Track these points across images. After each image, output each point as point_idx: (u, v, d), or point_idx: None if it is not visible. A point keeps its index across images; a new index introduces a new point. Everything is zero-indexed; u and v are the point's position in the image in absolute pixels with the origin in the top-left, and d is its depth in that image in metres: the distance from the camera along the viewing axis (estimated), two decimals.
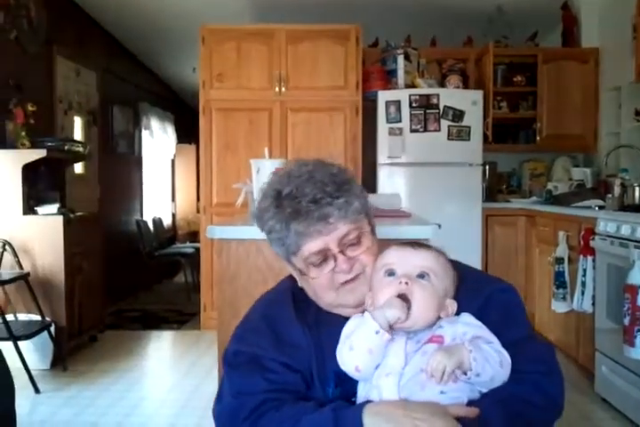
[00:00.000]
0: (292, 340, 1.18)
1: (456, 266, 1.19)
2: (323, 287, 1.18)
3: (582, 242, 3.34)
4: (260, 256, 1.99)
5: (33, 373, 3.45)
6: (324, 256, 1.16)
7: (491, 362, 1.04)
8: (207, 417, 2.92)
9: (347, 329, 1.13)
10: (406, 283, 1.10)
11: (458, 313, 1.13)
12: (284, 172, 1.22)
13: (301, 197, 1.14)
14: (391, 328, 1.07)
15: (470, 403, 1.04)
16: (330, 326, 1.18)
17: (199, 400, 3.27)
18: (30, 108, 4.04)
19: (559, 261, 3.63)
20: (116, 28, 5.89)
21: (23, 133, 3.96)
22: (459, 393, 1.04)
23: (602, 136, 4.91)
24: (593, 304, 3.27)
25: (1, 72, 4.10)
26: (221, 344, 2.02)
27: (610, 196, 3.82)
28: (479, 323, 1.11)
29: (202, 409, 3.12)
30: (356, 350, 1.07)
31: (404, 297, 1.08)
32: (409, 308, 1.07)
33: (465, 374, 1.02)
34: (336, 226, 1.15)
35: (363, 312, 1.13)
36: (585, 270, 3.31)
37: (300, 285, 1.25)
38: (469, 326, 1.10)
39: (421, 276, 1.11)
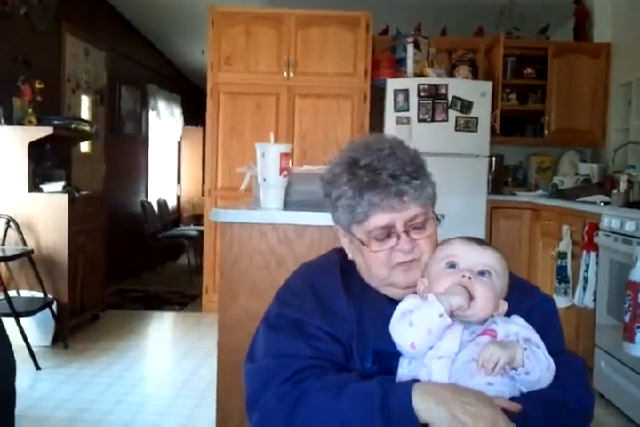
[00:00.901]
0: (337, 311, 1.17)
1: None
2: (378, 263, 1.17)
3: (586, 237, 3.34)
4: (263, 240, 2.00)
5: (34, 349, 3.49)
6: (388, 233, 1.16)
7: (540, 364, 1.06)
8: (205, 398, 2.99)
9: (403, 306, 1.13)
10: (469, 277, 1.10)
11: (507, 315, 1.14)
12: (362, 142, 1.22)
13: (382, 170, 1.14)
14: (451, 315, 1.08)
15: (511, 400, 1.06)
16: (373, 303, 1.19)
17: (198, 382, 3.30)
18: (38, 86, 4.04)
19: (562, 255, 3.63)
20: (125, 7, 5.87)
21: (30, 111, 3.96)
22: (504, 387, 1.06)
23: (610, 132, 4.88)
24: (594, 300, 3.28)
25: (10, 48, 4.10)
26: (222, 327, 2.03)
27: (615, 192, 3.81)
28: (529, 326, 1.12)
29: (200, 390, 3.15)
30: (415, 328, 1.07)
31: (465, 288, 1.10)
32: (471, 299, 1.08)
33: (515, 369, 1.04)
34: (408, 205, 1.15)
35: (414, 294, 1.15)
36: (587, 266, 3.31)
37: (350, 257, 1.25)
38: (521, 327, 1.11)
39: (482, 273, 1.12)
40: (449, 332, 1.09)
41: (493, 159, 5.01)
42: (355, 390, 1.04)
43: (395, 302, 1.17)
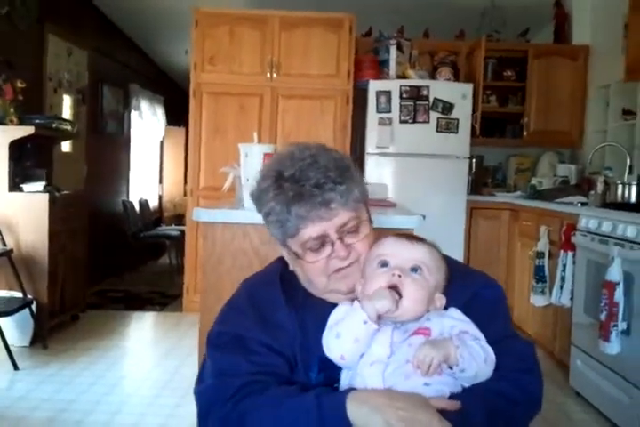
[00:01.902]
0: (278, 322, 1.18)
1: (445, 260, 1.20)
2: (316, 272, 1.18)
3: (563, 237, 3.39)
4: (247, 240, 2.00)
5: (12, 349, 3.47)
6: (322, 242, 1.16)
7: (476, 359, 1.05)
8: (186, 397, 2.99)
9: (334, 317, 1.13)
10: (399, 275, 1.10)
11: (446, 308, 1.14)
12: (286, 153, 1.20)
13: (305, 181, 1.13)
14: (379, 318, 1.08)
15: (452, 397, 1.06)
16: (316, 311, 1.18)
17: (179, 381, 3.30)
18: (20, 85, 4.01)
19: (540, 255, 3.68)
20: (109, 8, 5.84)
21: (12, 110, 3.92)
22: (442, 386, 1.06)
23: (588, 133, 4.96)
24: (571, 299, 3.33)
25: None
26: (203, 327, 2.04)
27: (593, 193, 3.88)
28: (466, 318, 1.12)
29: (181, 390, 3.15)
30: (342, 339, 1.08)
31: (395, 289, 1.09)
32: (399, 299, 1.08)
33: (451, 368, 1.04)
34: (337, 212, 1.14)
35: (353, 300, 1.14)
36: (565, 265, 3.36)
37: (291, 268, 1.25)
38: (457, 320, 1.11)
39: (414, 269, 1.12)
40: (378, 336, 1.09)
41: (473, 160, 5.06)
42: (293, 404, 1.05)
43: None
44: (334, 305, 1.18)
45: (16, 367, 3.39)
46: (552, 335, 3.62)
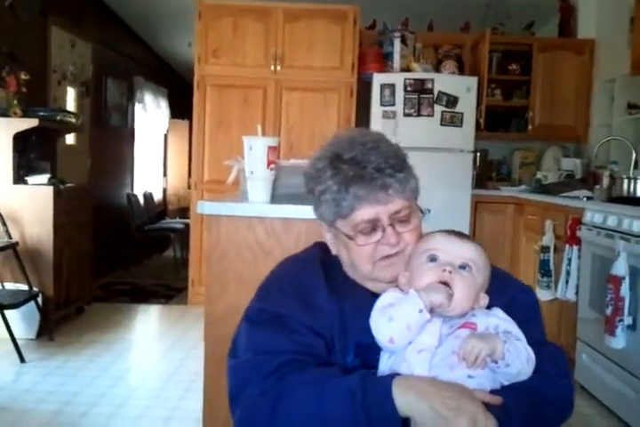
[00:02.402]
0: (318, 304, 1.18)
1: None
2: (364, 257, 1.18)
3: (569, 232, 3.38)
4: (251, 233, 2.00)
5: (19, 342, 3.48)
6: (373, 226, 1.16)
7: (520, 356, 1.06)
8: (191, 390, 3.00)
9: (383, 300, 1.13)
10: (450, 272, 1.11)
11: (488, 307, 1.15)
12: (346, 137, 1.21)
13: (366, 163, 1.14)
14: (432, 311, 1.09)
15: (492, 392, 1.06)
16: (355, 297, 1.19)
17: (184, 374, 3.31)
18: (23, 77, 4.01)
19: (545, 249, 3.67)
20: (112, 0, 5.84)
21: (15, 102, 3.93)
22: (484, 380, 1.06)
23: (593, 127, 4.94)
24: (576, 293, 3.32)
25: None
26: (208, 320, 2.04)
27: (598, 187, 3.86)
28: (510, 318, 1.13)
29: (186, 382, 3.16)
30: (394, 323, 1.08)
31: (446, 284, 1.10)
32: (451, 295, 1.09)
33: (495, 362, 1.05)
34: (393, 198, 1.15)
35: (396, 289, 1.15)
36: (570, 260, 3.35)
37: (334, 253, 1.25)
38: (501, 319, 1.12)
39: (463, 267, 1.13)
40: (428, 326, 1.09)
41: (478, 154, 5.04)
42: (336, 384, 1.04)
43: (377, 296, 1.17)
44: (372, 293, 1.19)
45: (22, 360, 3.40)
46: (557, 330, 3.61)
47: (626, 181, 3.60)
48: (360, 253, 1.18)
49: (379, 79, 4.61)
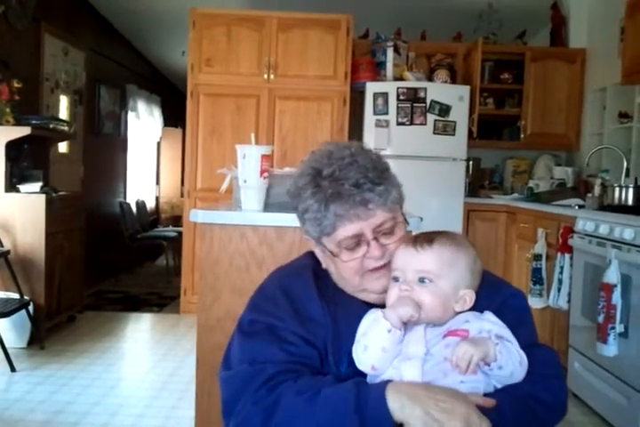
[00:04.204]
0: (311, 314, 1.18)
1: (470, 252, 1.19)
2: (350, 271, 1.18)
3: (561, 240, 3.40)
4: (244, 242, 2.01)
5: (9, 351, 3.46)
6: (358, 241, 1.16)
7: (512, 358, 1.07)
8: (184, 399, 2.99)
9: (362, 327, 1.13)
10: (407, 289, 1.12)
11: (480, 311, 1.15)
12: (324, 151, 1.21)
13: (344, 180, 1.14)
14: (406, 324, 1.09)
15: (486, 395, 1.07)
16: (347, 307, 1.19)
17: (176, 383, 3.29)
18: (16, 85, 4.00)
19: (537, 257, 3.68)
20: (106, 8, 5.84)
21: (8, 110, 3.92)
22: (477, 384, 1.07)
23: (585, 136, 4.96)
24: (568, 301, 3.33)
25: None
26: (201, 328, 2.04)
27: (590, 195, 3.88)
28: (501, 323, 1.13)
29: (179, 392, 3.15)
30: (370, 350, 1.09)
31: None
32: (419, 305, 1.10)
33: (488, 365, 1.05)
34: (375, 212, 1.15)
35: (384, 305, 1.15)
36: (562, 268, 3.36)
37: (324, 266, 1.25)
38: (494, 324, 1.12)
39: (422, 279, 1.13)
40: (411, 335, 1.10)
41: (470, 163, 5.06)
42: (330, 392, 1.04)
43: (369, 305, 1.18)
44: (365, 303, 1.19)
45: (13, 369, 3.38)
46: (550, 338, 3.62)
47: (617, 190, 3.61)
48: (346, 269, 1.19)
49: (372, 88, 4.63)
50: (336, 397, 1.03)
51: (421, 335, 1.10)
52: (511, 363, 1.07)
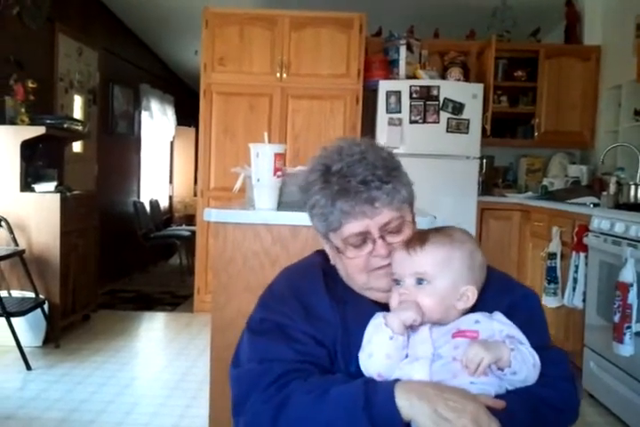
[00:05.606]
0: (320, 313, 1.18)
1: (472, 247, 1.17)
2: (356, 269, 1.18)
3: (575, 238, 3.37)
4: (257, 241, 2.00)
5: (25, 350, 3.48)
6: (364, 239, 1.16)
7: (526, 362, 1.06)
8: (198, 398, 3.00)
9: (367, 334, 1.13)
10: (404, 293, 1.11)
11: (489, 312, 1.14)
12: (335, 148, 1.20)
13: (351, 177, 1.14)
14: (411, 328, 1.09)
15: (495, 397, 1.06)
16: (356, 307, 1.19)
17: (190, 382, 3.30)
18: (31, 85, 4.03)
19: (552, 256, 3.66)
20: (119, 8, 5.86)
21: (23, 110, 3.95)
22: (487, 386, 1.06)
23: (600, 134, 4.92)
24: (583, 300, 3.31)
25: (2, 48, 4.09)
26: (215, 327, 2.04)
27: (605, 193, 3.85)
28: (511, 323, 1.12)
29: (193, 390, 3.15)
30: (374, 357, 1.08)
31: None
32: (420, 307, 1.09)
33: (502, 370, 1.04)
34: (381, 211, 1.14)
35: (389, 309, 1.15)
36: (577, 267, 3.34)
37: (332, 262, 1.25)
38: (504, 324, 1.11)
39: (419, 281, 1.12)
40: (416, 337, 1.09)
41: (484, 161, 5.04)
42: (339, 390, 1.04)
43: (378, 304, 1.18)
44: (374, 302, 1.19)
45: (29, 367, 3.40)
46: (564, 337, 3.60)
47: (633, 188, 3.59)
48: (352, 266, 1.18)
49: (385, 86, 4.62)
50: (345, 395, 1.03)
51: (427, 335, 1.10)
52: (525, 368, 1.06)
